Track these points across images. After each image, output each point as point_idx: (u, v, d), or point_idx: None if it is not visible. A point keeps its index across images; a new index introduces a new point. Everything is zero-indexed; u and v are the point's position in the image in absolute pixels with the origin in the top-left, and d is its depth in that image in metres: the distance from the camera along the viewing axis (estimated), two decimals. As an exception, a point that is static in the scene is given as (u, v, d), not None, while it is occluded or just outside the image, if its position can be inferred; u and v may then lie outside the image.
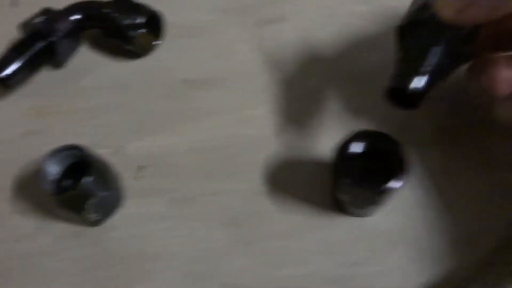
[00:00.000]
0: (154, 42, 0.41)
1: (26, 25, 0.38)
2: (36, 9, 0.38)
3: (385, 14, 0.42)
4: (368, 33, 0.41)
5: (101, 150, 0.35)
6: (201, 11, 0.44)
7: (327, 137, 0.35)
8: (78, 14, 0.39)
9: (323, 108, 0.37)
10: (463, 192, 0.32)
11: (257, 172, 0.34)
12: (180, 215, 0.32)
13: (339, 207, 0.32)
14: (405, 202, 0.32)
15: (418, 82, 0.27)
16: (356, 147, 0.28)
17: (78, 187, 0.28)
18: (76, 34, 0.40)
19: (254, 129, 0.36)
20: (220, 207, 0.32)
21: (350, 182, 0.27)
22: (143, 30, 0.39)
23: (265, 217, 0.32)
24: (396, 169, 0.27)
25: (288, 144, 0.35)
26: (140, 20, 0.38)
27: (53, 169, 0.30)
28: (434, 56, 0.27)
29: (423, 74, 0.27)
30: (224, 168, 0.34)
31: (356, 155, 0.28)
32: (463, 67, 0.30)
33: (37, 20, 0.38)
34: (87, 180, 0.28)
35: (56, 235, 0.32)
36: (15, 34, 0.38)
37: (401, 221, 0.31)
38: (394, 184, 0.26)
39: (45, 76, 0.40)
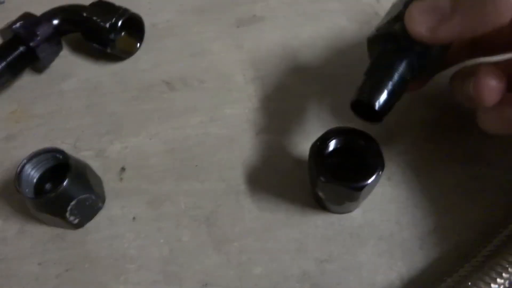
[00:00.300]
0: (134, 45, 0.41)
1: (5, 31, 0.38)
2: (17, 13, 0.39)
3: (360, 11, 0.43)
4: (344, 31, 0.42)
5: (84, 152, 0.36)
6: (178, 12, 0.44)
7: (305, 136, 0.35)
8: (58, 18, 0.39)
9: (301, 107, 0.37)
10: (436, 186, 0.32)
11: (233, 171, 0.34)
12: (156, 216, 0.32)
13: (318, 204, 0.32)
14: (380, 198, 0.32)
15: (381, 97, 0.26)
16: (331, 144, 0.29)
17: (57, 190, 0.28)
18: (56, 38, 0.40)
19: (231, 128, 0.36)
20: (195, 206, 0.33)
21: (326, 179, 0.27)
22: (123, 34, 0.40)
23: (240, 216, 0.32)
24: (371, 166, 0.27)
25: (266, 143, 0.35)
26: (120, 23, 0.39)
27: (32, 173, 0.30)
28: (399, 72, 0.26)
29: (386, 89, 0.26)
30: (200, 167, 0.34)
31: (331, 152, 0.29)
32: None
33: (17, 25, 0.38)
34: (66, 183, 0.29)
35: (37, 239, 0.32)
36: (-5, 39, 0.39)
37: (375, 217, 0.31)
38: (369, 180, 0.27)
39: (26, 80, 0.41)
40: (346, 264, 0.30)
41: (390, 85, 0.26)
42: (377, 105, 0.26)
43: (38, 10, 0.39)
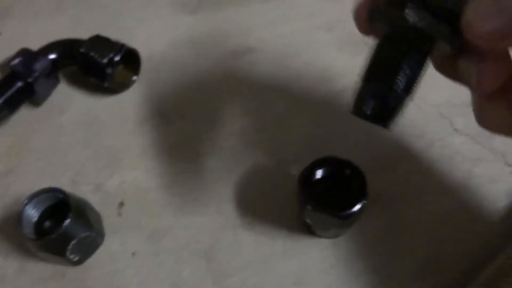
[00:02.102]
0: (130, 78, 0.42)
1: (4, 66, 0.39)
2: (14, 43, 0.39)
3: (351, 42, 0.44)
4: (335, 62, 0.43)
5: (82, 187, 0.36)
6: (174, 44, 0.45)
7: (298, 165, 0.36)
8: (55, 53, 0.40)
9: (294, 137, 0.38)
10: (428, 216, 0.33)
11: (230, 204, 0.35)
12: (156, 251, 0.33)
13: (308, 230, 0.33)
14: (368, 227, 0.33)
15: (386, 114, 0.21)
16: (319, 173, 0.30)
17: (58, 231, 0.29)
18: (53, 72, 0.41)
19: (225, 161, 0.37)
20: (194, 240, 0.33)
21: (312, 207, 0.28)
22: (120, 68, 0.40)
23: (238, 250, 0.33)
24: (357, 194, 0.28)
25: (261, 174, 0.36)
26: (116, 58, 0.39)
27: (33, 213, 0.31)
28: (411, 76, 0.21)
29: (393, 102, 0.21)
30: (196, 201, 0.35)
31: (318, 181, 0.30)
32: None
33: (15, 62, 0.38)
34: (67, 223, 0.29)
35: (37, 276, 0.32)
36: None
37: (368, 246, 0.32)
38: (353, 209, 0.28)
39: (24, 114, 0.41)
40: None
41: (398, 94, 0.21)
42: (382, 124, 0.21)
43: (35, 41, 0.40)
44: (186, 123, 0.39)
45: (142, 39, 0.44)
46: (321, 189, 0.30)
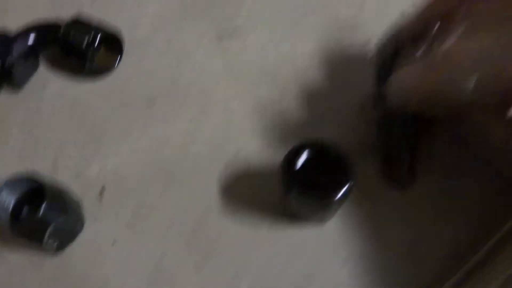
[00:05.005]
0: (113, 61, 0.40)
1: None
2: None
3: (339, 26, 0.43)
4: (324, 46, 0.42)
5: (62, 172, 0.36)
6: (157, 25, 0.43)
7: (284, 150, 0.35)
8: (34, 36, 0.39)
9: (281, 122, 0.37)
10: (410, 204, 0.33)
11: (211, 187, 0.34)
12: (137, 237, 0.32)
13: (292, 215, 0.32)
14: (352, 212, 0.32)
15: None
16: (302, 158, 0.29)
17: (34, 217, 0.28)
18: (33, 55, 0.39)
19: (210, 145, 0.36)
20: (176, 224, 0.33)
21: (296, 192, 0.28)
22: (102, 50, 0.39)
23: (218, 234, 0.32)
24: (341, 179, 0.28)
25: (245, 159, 0.35)
26: (98, 39, 0.38)
27: (9, 198, 0.30)
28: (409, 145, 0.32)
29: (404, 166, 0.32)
30: (178, 184, 0.34)
31: (301, 166, 0.29)
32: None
33: (-9, 43, 0.37)
34: (43, 210, 0.28)
35: (15, 265, 0.32)
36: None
37: (352, 233, 0.32)
38: (338, 192, 0.27)
39: (3, 98, 0.40)
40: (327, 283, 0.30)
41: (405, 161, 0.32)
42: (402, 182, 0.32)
43: (12, 20, 0.39)
44: (169, 106, 0.38)
45: (126, 19, 0.43)
46: (305, 173, 0.29)
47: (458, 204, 0.32)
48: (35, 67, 0.40)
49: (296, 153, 0.29)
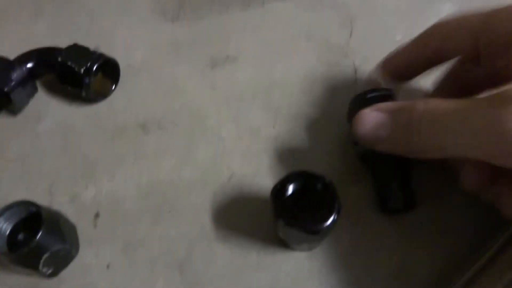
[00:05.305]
0: (109, 87, 0.41)
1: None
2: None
3: (330, 52, 0.44)
4: (314, 71, 0.43)
5: (57, 198, 0.36)
6: (153, 52, 0.45)
7: (276, 177, 0.36)
8: (32, 62, 0.40)
9: (273, 148, 0.38)
10: (393, 229, 0.34)
11: (206, 215, 0.35)
12: (130, 263, 0.33)
13: (282, 243, 0.33)
14: (340, 239, 0.33)
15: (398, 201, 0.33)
16: (291, 187, 0.30)
17: (30, 245, 0.29)
18: (31, 81, 0.40)
19: (203, 171, 0.37)
20: (168, 252, 0.33)
21: (284, 222, 0.28)
22: (98, 77, 0.40)
23: (212, 261, 0.33)
24: (328, 209, 0.29)
25: (237, 186, 0.36)
26: (94, 67, 0.39)
27: (5, 226, 0.31)
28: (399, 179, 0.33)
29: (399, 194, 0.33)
30: (171, 211, 0.35)
31: (290, 195, 0.30)
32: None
33: (-10, 70, 0.38)
34: (39, 237, 0.29)
35: (11, 287, 0.32)
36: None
37: (340, 259, 0.33)
38: (325, 223, 0.28)
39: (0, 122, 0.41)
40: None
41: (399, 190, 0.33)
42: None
43: (11, 48, 0.40)
44: (163, 132, 0.39)
45: (122, 47, 0.44)
46: (294, 203, 0.30)
47: (444, 230, 0.33)
48: (32, 92, 0.41)
49: (285, 183, 0.30)
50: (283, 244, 0.33)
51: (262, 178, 0.37)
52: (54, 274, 0.32)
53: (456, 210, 0.34)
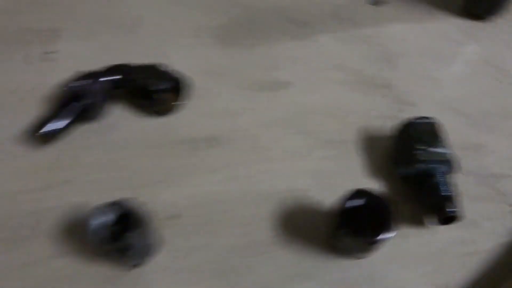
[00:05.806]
0: (176, 104, 0.46)
1: (64, 88, 0.43)
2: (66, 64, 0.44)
3: (362, 82, 0.50)
4: (346, 98, 0.49)
5: (140, 199, 0.40)
6: (208, 75, 0.50)
7: (326, 193, 0.41)
8: (111, 77, 0.44)
9: (324, 164, 0.44)
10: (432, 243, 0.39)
11: (266, 222, 0.40)
12: (183, 267, 0.37)
13: (336, 251, 0.38)
14: (387, 249, 0.38)
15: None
16: (354, 203, 0.36)
17: (122, 240, 0.33)
18: (108, 94, 0.45)
19: (260, 185, 0.42)
20: (226, 258, 0.38)
21: (346, 232, 0.34)
22: (167, 94, 0.45)
23: (261, 269, 0.37)
24: (385, 224, 0.34)
25: (294, 198, 0.41)
26: (166, 86, 0.44)
27: (109, 219, 0.35)
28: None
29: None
30: (229, 221, 0.40)
31: (352, 210, 0.35)
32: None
33: (76, 83, 0.43)
34: (130, 234, 0.33)
35: (94, 279, 0.36)
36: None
37: (384, 267, 0.38)
38: (383, 236, 0.34)
39: (78, 131, 0.45)
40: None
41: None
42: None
43: (84, 63, 0.45)
44: (229, 147, 0.45)
45: (185, 70, 0.49)
46: (354, 216, 0.35)
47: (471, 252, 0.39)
48: (107, 104, 0.46)
49: (349, 198, 0.35)
50: (340, 251, 0.38)
51: (319, 192, 0.42)
52: (137, 265, 0.36)
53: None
